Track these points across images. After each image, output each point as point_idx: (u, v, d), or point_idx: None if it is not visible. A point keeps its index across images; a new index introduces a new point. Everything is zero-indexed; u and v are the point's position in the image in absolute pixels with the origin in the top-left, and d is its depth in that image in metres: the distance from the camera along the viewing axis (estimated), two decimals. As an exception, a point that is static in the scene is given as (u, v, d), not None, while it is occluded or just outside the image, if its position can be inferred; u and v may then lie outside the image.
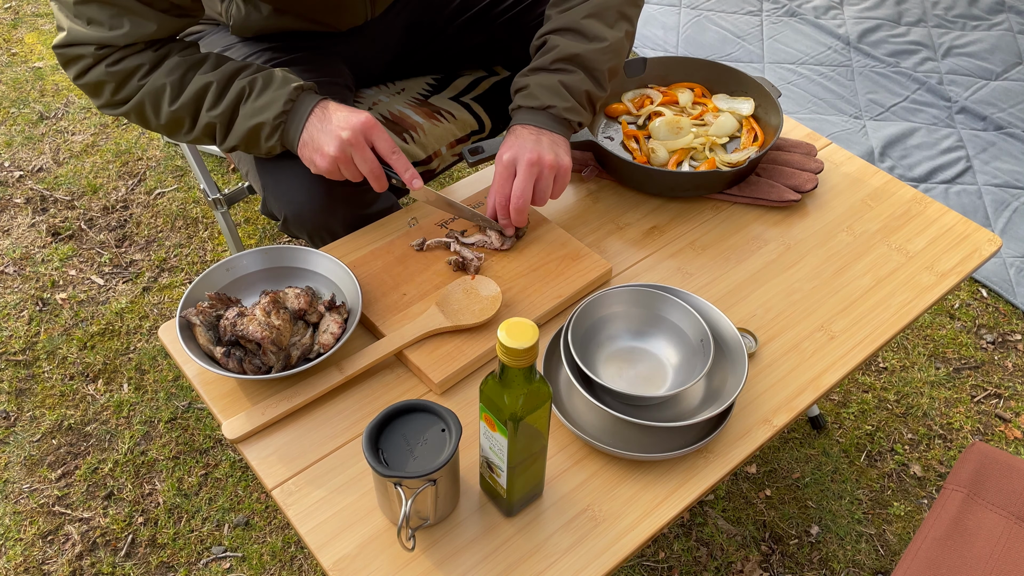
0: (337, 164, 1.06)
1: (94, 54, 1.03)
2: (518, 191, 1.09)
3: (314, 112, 1.06)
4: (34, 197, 2.11)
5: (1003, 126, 2.37)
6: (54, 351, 1.76)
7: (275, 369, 0.96)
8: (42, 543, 1.47)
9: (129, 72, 1.05)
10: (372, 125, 1.05)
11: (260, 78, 1.07)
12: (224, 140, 1.09)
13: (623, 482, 0.91)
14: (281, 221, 1.20)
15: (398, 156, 1.08)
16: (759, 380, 1.02)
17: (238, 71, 1.08)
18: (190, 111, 1.07)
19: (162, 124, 1.09)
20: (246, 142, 1.09)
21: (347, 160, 1.05)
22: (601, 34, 1.15)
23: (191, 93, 1.06)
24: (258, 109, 1.06)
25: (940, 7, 2.85)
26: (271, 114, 1.05)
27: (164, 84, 1.05)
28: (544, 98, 1.13)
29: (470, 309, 1.04)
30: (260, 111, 1.06)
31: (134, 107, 1.07)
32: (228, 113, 1.07)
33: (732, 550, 1.47)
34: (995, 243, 1.20)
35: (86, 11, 1.01)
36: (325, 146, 1.05)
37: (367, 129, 1.05)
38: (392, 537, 0.86)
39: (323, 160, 1.06)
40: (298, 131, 1.07)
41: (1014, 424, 1.67)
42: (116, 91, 1.06)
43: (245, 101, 1.07)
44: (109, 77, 1.05)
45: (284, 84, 1.07)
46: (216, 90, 1.06)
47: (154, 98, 1.06)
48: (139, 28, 1.02)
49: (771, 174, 1.27)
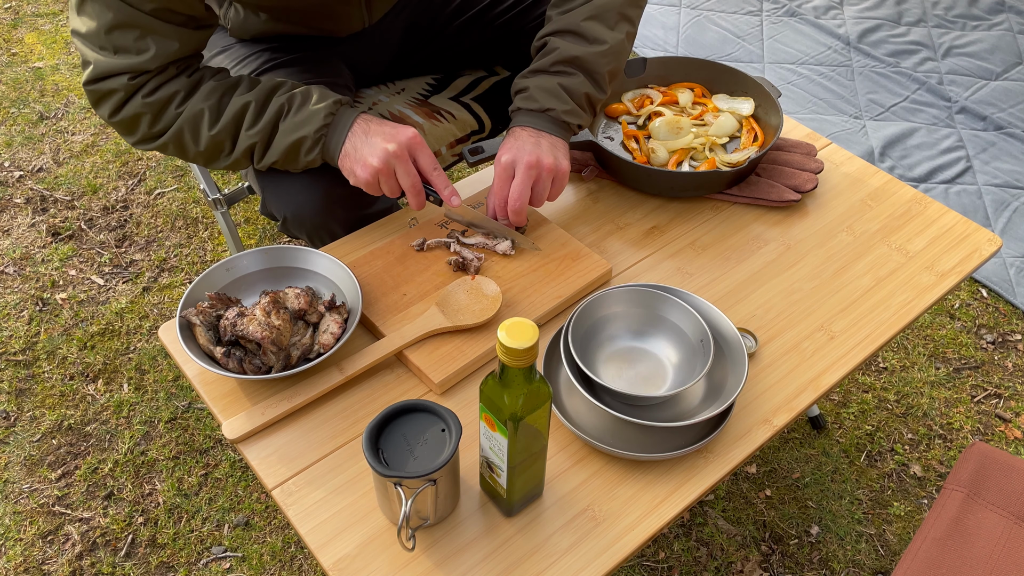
0: (378, 176, 1.05)
1: (127, 85, 1.02)
2: (516, 193, 1.09)
3: (357, 123, 1.06)
4: (34, 197, 2.11)
5: (1003, 126, 2.37)
6: (54, 351, 1.76)
7: (275, 369, 0.96)
8: (42, 543, 1.47)
9: (166, 100, 1.04)
10: (418, 141, 1.06)
11: (299, 94, 1.07)
12: (263, 158, 1.08)
13: (623, 482, 0.91)
14: (280, 221, 1.20)
15: (439, 173, 1.08)
16: (759, 380, 1.02)
17: (275, 88, 1.08)
18: (230, 133, 1.06)
19: (201, 151, 1.07)
20: (285, 157, 1.08)
21: (389, 173, 1.05)
22: (601, 36, 1.15)
23: (230, 115, 1.05)
24: (298, 124, 1.05)
25: (940, 7, 2.85)
26: (312, 127, 1.05)
27: (202, 109, 1.04)
28: (544, 100, 1.13)
29: (470, 309, 1.04)
30: (300, 126, 1.05)
31: (172, 137, 1.06)
32: (268, 130, 1.06)
33: (732, 550, 1.47)
34: (995, 243, 1.20)
35: (113, 39, 0.99)
36: (369, 157, 1.04)
37: (412, 144, 1.05)
38: (392, 537, 0.86)
39: (364, 171, 1.05)
40: (340, 143, 1.06)
41: (1014, 424, 1.67)
42: (153, 123, 1.05)
43: (285, 117, 1.06)
44: (146, 108, 1.03)
45: (323, 99, 1.06)
46: (255, 109, 1.05)
47: (193, 124, 1.05)
48: (164, 47, 1.01)
49: (771, 174, 1.27)
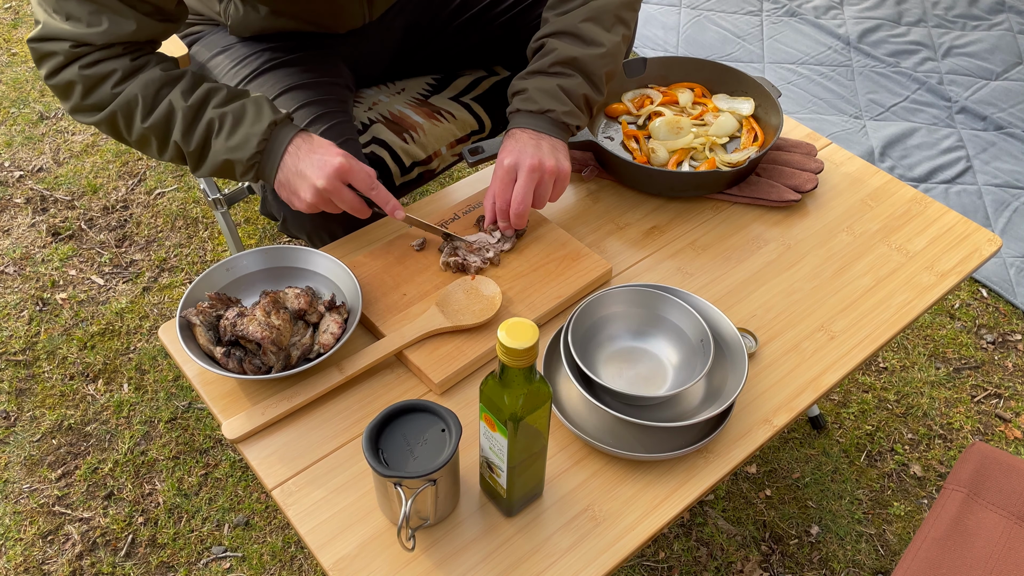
0: (316, 208, 1.05)
1: (67, 52, 1.00)
2: (519, 196, 1.09)
3: (288, 152, 1.04)
4: (34, 197, 2.11)
5: (1003, 126, 2.37)
6: (54, 351, 1.76)
7: (275, 369, 0.96)
8: (42, 543, 1.47)
9: (101, 77, 1.02)
10: (346, 169, 1.03)
11: (230, 113, 1.03)
12: (197, 169, 1.07)
13: (623, 482, 0.91)
14: (280, 221, 1.20)
15: (378, 191, 1.07)
16: (759, 380, 1.02)
17: (207, 99, 1.04)
18: (160, 132, 1.04)
19: (134, 140, 1.05)
20: (220, 173, 1.07)
21: (326, 202, 1.05)
22: (599, 38, 1.15)
23: (161, 113, 1.03)
24: (231, 148, 1.03)
25: (940, 7, 2.85)
26: (244, 154, 1.03)
27: (136, 96, 1.02)
28: (543, 102, 1.13)
29: (470, 309, 1.04)
30: (234, 150, 1.03)
31: (107, 117, 1.04)
32: (200, 144, 1.04)
33: (732, 550, 1.47)
34: (995, 243, 1.20)
35: (66, 6, 0.98)
36: (301, 192, 1.04)
37: (342, 174, 1.03)
38: (392, 537, 0.86)
39: (301, 204, 1.05)
40: (273, 171, 1.05)
41: (1014, 424, 1.67)
42: (85, 95, 1.03)
43: (216, 135, 1.04)
44: (80, 79, 1.01)
45: (257, 120, 1.03)
46: (186, 117, 1.02)
47: (127, 110, 1.03)
48: (118, 27, 0.99)
49: (771, 174, 1.27)
